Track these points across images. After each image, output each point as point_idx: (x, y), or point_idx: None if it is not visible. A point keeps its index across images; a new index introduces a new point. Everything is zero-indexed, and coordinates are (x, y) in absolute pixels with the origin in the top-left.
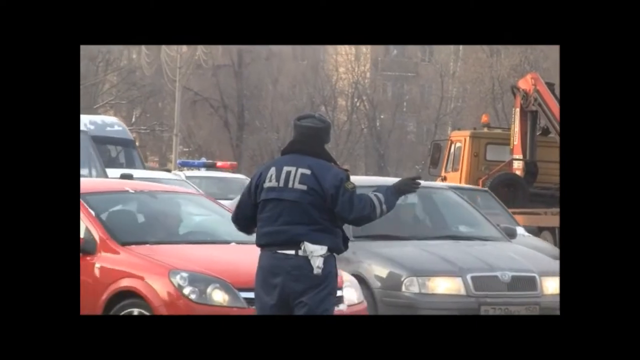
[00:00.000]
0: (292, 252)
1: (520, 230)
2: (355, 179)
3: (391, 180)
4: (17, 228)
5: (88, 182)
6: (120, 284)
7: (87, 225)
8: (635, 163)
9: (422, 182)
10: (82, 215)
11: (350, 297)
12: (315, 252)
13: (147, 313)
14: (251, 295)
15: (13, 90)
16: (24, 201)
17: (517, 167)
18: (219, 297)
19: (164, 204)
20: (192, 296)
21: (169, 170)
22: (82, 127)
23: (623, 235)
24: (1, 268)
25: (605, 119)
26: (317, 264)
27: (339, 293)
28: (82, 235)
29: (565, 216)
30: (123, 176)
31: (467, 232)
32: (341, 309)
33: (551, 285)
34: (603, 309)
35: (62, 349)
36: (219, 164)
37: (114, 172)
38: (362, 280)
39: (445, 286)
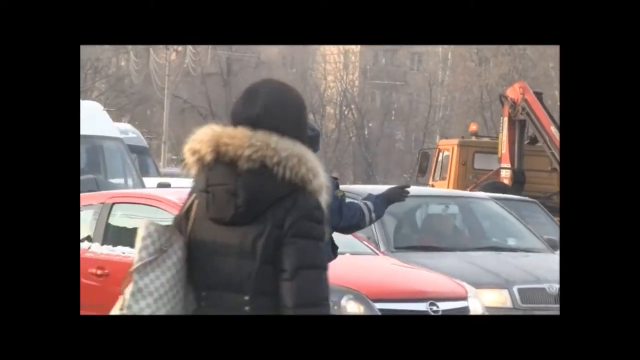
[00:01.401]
0: None
1: None
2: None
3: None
4: (17, 229)
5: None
6: None
7: None
8: (636, 164)
9: (465, 193)
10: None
11: (475, 308)
12: None
13: None
14: (385, 306)
15: (12, 91)
16: (24, 203)
17: (505, 175)
18: (353, 308)
19: None
20: None
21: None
22: (117, 135)
23: (623, 235)
24: (1, 268)
25: (605, 119)
26: None
27: (464, 304)
28: None
29: (566, 216)
30: (160, 185)
31: (509, 243)
32: None
33: None
34: (603, 309)
35: (62, 349)
36: None
37: (149, 182)
38: None
39: (490, 298)
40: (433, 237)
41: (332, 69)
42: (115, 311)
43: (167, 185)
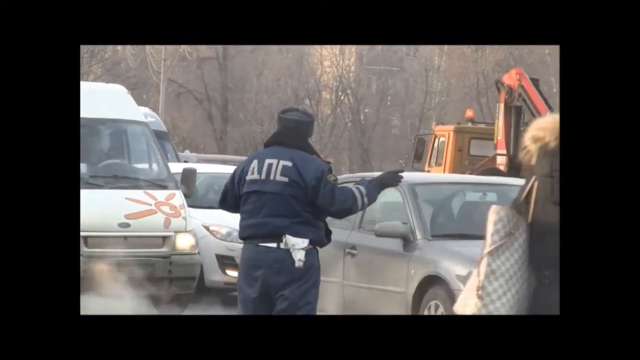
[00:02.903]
0: (274, 245)
1: None
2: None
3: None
4: (17, 229)
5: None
6: None
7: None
8: (636, 163)
9: (503, 179)
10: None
11: None
12: (297, 245)
13: None
14: None
15: (12, 90)
16: (24, 201)
17: (501, 162)
18: None
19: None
20: None
21: None
22: (142, 119)
23: (623, 234)
24: (0, 267)
25: (606, 119)
26: (299, 257)
27: None
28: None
29: (565, 215)
30: (185, 171)
31: None
32: None
33: None
34: (603, 308)
35: (62, 350)
36: None
37: (173, 167)
38: (441, 281)
39: None
40: (470, 225)
41: (328, 54)
42: (469, 292)
43: (194, 171)
